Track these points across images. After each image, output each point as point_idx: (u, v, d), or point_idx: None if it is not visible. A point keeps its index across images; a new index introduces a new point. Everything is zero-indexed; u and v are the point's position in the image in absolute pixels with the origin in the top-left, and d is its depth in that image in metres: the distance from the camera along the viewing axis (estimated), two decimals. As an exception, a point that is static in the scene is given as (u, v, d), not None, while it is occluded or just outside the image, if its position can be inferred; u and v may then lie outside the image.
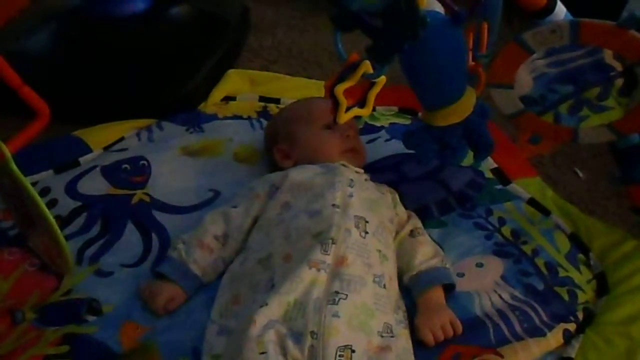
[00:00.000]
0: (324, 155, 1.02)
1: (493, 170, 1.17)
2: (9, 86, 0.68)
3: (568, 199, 1.17)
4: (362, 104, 0.88)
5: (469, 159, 1.07)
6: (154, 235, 1.01)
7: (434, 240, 1.01)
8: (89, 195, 1.06)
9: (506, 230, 1.05)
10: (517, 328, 0.89)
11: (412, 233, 0.98)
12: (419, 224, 1.00)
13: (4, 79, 0.66)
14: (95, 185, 1.07)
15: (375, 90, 0.84)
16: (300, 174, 0.97)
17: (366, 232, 0.88)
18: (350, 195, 0.92)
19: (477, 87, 0.97)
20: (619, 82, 1.20)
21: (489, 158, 1.18)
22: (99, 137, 1.18)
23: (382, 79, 0.84)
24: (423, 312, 0.88)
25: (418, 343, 0.85)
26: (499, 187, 1.15)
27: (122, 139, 1.19)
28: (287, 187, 0.96)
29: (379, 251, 0.88)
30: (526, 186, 1.15)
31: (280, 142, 1.07)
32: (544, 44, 0.86)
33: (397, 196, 1.04)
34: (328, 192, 0.91)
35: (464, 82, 0.95)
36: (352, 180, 0.96)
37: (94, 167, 1.11)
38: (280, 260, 0.84)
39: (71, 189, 1.06)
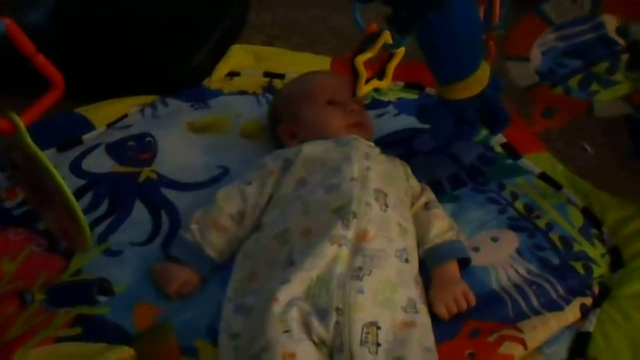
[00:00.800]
0: (330, 131, 0.99)
1: (503, 145, 1.16)
2: (22, 54, 0.64)
3: (577, 173, 1.15)
4: (380, 75, 0.86)
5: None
6: (163, 213, 0.98)
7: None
8: (94, 173, 1.03)
9: (519, 205, 1.04)
10: (535, 302, 0.88)
11: (426, 206, 0.96)
12: (433, 197, 0.99)
13: (17, 46, 0.63)
14: (100, 163, 1.05)
15: (395, 61, 0.82)
16: (313, 149, 0.95)
17: (386, 206, 0.87)
18: (368, 169, 0.90)
19: (488, 60, 0.95)
20: (625, 57, 1.20)
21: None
22: (102, 114, 1.15)
23: (402, 49, 0.82)
24: (437, 287, 0.87)
25: (436, 319, 0.84)
26: (510, 161, 1.13)
27: (125, 115, 1.17)
28: (301, 162, 0.93)
29: (399, 225, 0.86)
30: (536, 160, 1.14)
31: (285, 121, 1.04)
32: (563, 14, 0.85)
33: (409, 168, 1.02)
34: (345, 166, 0.89)
35: (480, 54, 0.93)
36: (367, 153, 0.94)
37: (98, 144, 1.08)
38: (299, 235, 0.83)
39: (76, 167, 1.04)
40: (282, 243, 0.84)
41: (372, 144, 1.01)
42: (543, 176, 1.11)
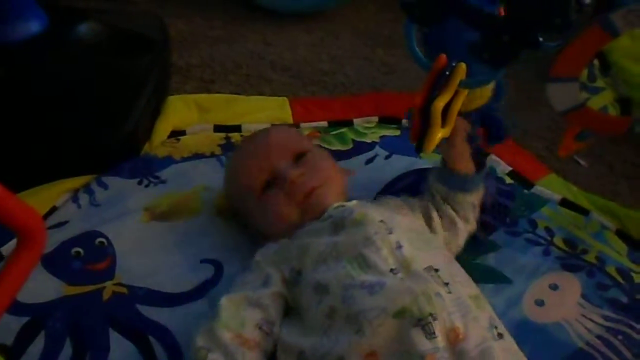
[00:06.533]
0: (282, 226, 0.77)
1: (510, 174, 1.04)
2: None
3: (587, 190, 1.07)
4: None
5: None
6: (153, 341, 0.71)
7: (492, 267, 0.86)
8: (37, 303, 0.73)
9: (559, 241, 0.92)
10: (628, 355, 0.77)
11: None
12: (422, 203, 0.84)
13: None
14: (41, 286, 0.75)
15: (459, 102, 0.63)
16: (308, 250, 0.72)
17: (446, 284, 0.67)
18: (399, 246, 0.69)
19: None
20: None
21: (501, 162, 1.06)
22: (21, 213, 0.83)
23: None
24: None
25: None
26: (526, 192, 1.01)
27: (54, 209, 0.87)
28: (310, 263, 0.71)
29: (470, 297, 0.68)
30: (549, 186, 1.03)
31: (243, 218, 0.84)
32: (632, 23, 0.73)
33: (407, 199, 0.85)
34: (371, 254, 0.68)
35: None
36: (382, 221, 0.72)
37: (30, 259, 0.77)
38: None
39: (7, 300, 0.73)
40: None
41: (354, 200, 0.79)
42: (565, 203, 1.00)
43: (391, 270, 0.66)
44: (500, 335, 0.67)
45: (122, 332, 0.72)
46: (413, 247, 0.70)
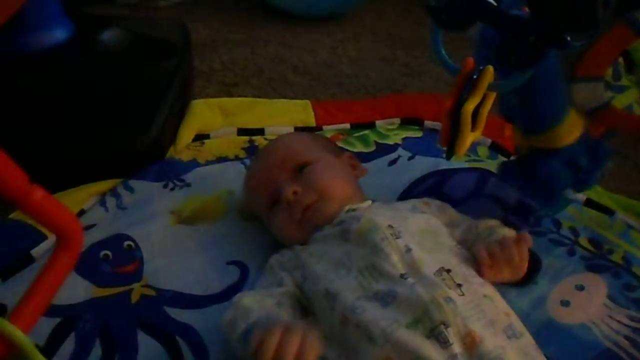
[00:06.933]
0: (289, 241, 0.79)
1: (533, 174, 1.04)
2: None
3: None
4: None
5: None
6: (180, 341, 0.73)
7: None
8: (67, 305, 0.75)
9: (584, 241, 0.91)
10: None
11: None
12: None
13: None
14: (70, 288, 0.76)
15: (488, 105, 0.63)
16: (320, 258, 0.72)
17: (459, 285, 0.66)
18: (408, 249, 0.69)
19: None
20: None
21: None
22: (50, 217, 0.85)
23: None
24: None
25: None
26: (550, 192, 1.01)
27: (82, 212, 0.88)
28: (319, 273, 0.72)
29: (485, 296, 0.67)
30: (573, 185, 1.03)
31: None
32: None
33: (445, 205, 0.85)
34: (381, 262, 0.67)
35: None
36: (390, 226, 0.71)
37: (60, 261, 0.79)
38: None
39: (38, 301, 0.74)
40: None
41: (367, 200, 0.80)
42: (590, 203, 0.99)
43: (401, 275, 0.66)
44: (519, 335, 0.66)
45: (150, 334, 0.73)
46: (423, 249, 0.70)
